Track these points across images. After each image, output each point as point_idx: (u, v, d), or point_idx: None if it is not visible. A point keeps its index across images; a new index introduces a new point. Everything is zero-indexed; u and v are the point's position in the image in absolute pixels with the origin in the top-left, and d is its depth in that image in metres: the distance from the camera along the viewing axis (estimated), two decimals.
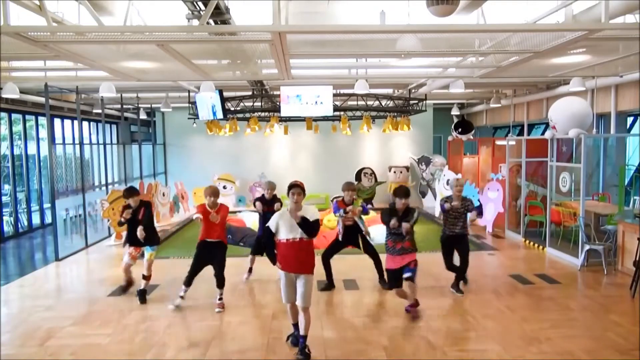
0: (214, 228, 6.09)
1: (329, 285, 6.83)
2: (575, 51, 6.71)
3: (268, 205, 6.99)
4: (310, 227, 4.61)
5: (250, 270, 7.43)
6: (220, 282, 6.18)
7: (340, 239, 6.81)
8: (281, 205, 6.74)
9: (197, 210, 6.09)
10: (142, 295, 6.43)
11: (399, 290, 5.65)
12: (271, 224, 4.74)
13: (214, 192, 6.15)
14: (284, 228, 4.67)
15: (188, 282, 6.17)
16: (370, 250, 6.89)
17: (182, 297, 6.16)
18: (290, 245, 4.65)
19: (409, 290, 5.65)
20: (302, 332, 4.71)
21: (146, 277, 6.49)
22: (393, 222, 5.40)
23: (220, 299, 6.13)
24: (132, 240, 6.50)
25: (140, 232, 6.17)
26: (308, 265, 4.72)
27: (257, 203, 7.11)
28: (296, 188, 4.76)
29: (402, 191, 5.53)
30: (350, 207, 6.60)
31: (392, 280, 5.68)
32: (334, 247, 6.89)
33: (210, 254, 6.16)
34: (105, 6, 5.84)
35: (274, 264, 4.85)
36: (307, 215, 4.63)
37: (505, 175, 10.72)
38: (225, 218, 6.21)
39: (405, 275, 5.56)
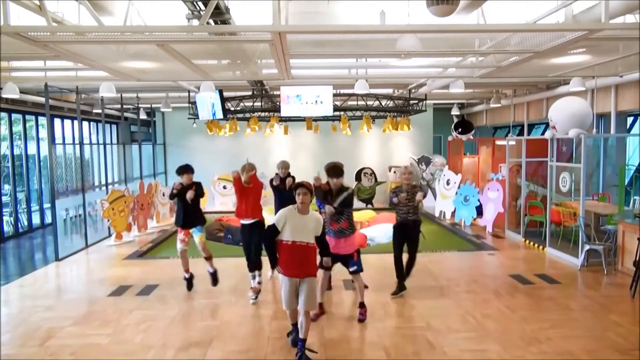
0: (246, 208, 6.16)
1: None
2: (575, 51, 6.71)
3: (283, 183, 6.94)
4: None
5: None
6: (254, 264, 6.21)
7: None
8: (293, 181, 6.72)
9: (234, 182, 6.20)
10: (214, 278, 6.67)
11: (326, 273, 5.69)
12: (277, 221, 4.57)
13: (251, 167, 6.28)
14: (290, 228, 4.53)
15: (252, 267, 6.33)
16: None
17: (259, 283, 6.35)
18: (294, 248, 4.53)
19: (357, 284, 5.70)
20: (301, 336, 4.61)
21: (208, 258, 6.63)
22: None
23: (260, 282, 6.22)
24: (183, 222, 6.62)
25: (190, 193, 6.43)
26: (311, 267, 4.65)
27: (275, 179, 6.97)
28: (302, 188, 4.61)
29: (334, 170, 5.65)
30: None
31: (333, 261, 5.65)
32: None
33: (248, 235, 6.25)
34: (105, 6, 5.84)
35: (274, 267, 4.77)
36: (314, 224, 4.63)
37: (505, 175, 10.72)
38: (259, 192, 6.29)
39: (351, 269, 5.62)
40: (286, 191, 6.32)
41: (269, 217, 6.54)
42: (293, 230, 4.54)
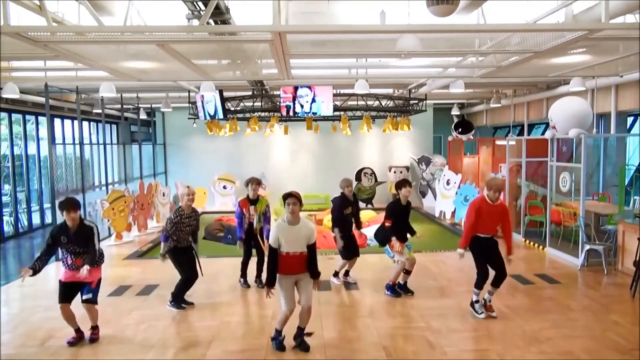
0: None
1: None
2: (575, 51, 6.71)
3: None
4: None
5: (347, 273, 7.12)
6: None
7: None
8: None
9: None
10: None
11: (64, 306, 4.99)
12: (273, 241, 4.62)
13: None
14: (284, 241, 4.60)
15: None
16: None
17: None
18: (290, 258, 4.63)
19: (89, 314, 5.09)
20: (301, 325, 4.81)
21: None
22: None
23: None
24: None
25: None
26: (305, 267, 4.75)
27: None
28: (292, 198, 4.58)
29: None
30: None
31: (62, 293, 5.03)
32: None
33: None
34: (105, 6, 5.84)
35: (273, 285, 4.64)
36: (306, 231, 4.63)
37: (505, 175, 10.72)
38: None
39: (85, 296, 5.02)
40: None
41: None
42: (286, 243, 4.60)
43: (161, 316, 5.86)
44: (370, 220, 12.57)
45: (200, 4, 4.95)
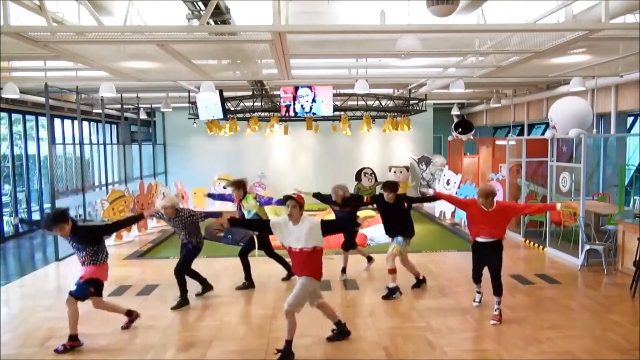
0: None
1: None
2: (575, 51, 6.71)
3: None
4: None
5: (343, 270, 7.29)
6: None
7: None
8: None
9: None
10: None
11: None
12: (272, 225, 4.77)
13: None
14: (283, 236, 4.72)
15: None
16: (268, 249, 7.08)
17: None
18: (292, 253, 4.72)
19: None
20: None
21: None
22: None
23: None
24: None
25: None
26: (310, 268, 4.66)
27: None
28: (291, 201, 4.57)
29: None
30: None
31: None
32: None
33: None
34: (105, 6, 5.84)
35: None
36: (307, 231, 4.56)
37: (505, 175, 10.72)
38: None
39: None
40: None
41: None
42: (286, 239, 4.71)
43: (161, 316, 5.86)
44: (371, 220, 12.57)
45: (200, 4, 4.95)
